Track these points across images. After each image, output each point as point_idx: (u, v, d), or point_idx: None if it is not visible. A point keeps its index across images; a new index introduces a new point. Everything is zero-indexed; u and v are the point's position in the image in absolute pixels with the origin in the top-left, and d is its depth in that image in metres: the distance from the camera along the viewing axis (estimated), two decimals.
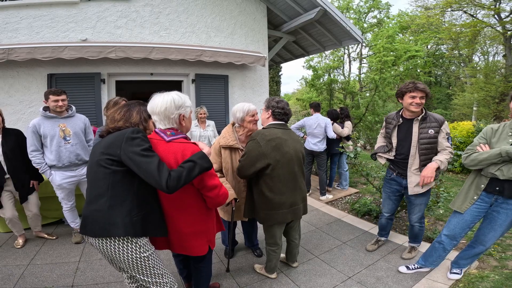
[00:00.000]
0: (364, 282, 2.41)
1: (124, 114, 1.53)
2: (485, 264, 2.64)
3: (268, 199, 2.08)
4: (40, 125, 2.71)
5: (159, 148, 1.45)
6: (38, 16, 3.87)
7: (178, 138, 1.47)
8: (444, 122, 2.36)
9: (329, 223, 3.68)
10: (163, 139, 1.46)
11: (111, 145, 1.37)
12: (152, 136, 1.52)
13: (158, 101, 1.47)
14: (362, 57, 14.96)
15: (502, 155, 1.92)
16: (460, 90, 16.22)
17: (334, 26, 5.43)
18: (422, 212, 2.61)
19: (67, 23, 3.99)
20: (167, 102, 1.45)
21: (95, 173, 1.40)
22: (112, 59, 4.09)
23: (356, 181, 5.62)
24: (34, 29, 3.86)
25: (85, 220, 1.38)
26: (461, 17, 15.93)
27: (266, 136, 2.03)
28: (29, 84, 3.96)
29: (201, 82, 4.84)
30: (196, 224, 1.62)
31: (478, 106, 13.33)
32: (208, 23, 4.82)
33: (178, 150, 1.42)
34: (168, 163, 1.39)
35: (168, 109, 1.46)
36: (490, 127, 2.13)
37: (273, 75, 13.76)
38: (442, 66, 19.37)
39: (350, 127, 4.74)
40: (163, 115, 1.47)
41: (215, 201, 1.56)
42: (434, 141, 2.33)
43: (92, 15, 4.10)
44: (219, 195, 1.55)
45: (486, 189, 2.06)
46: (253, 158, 2.00)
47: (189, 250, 1.66)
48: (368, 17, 13.88)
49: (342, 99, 10.04)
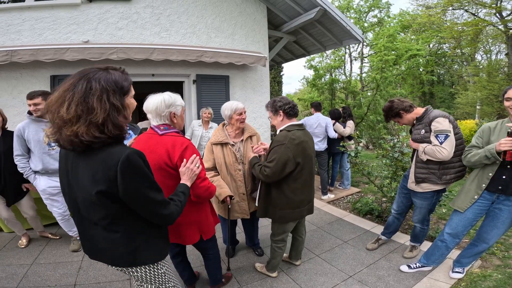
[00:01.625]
0: (365, 281, 2.40)
1: (77, 109, 0.99)
2: (488, 263, 2.62)
3: (289, 199, 2.12)
4: (25, 129, 2.58)
5: (151, 141, 1.58)
6: (40, 18, 3.90)
7: (170, 132, 1.61)
8: (432, 119, 2.25)
9: (330, 222, 3.68)
10: (156, 133, 1.61)
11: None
12: (148, 131, 1.66)
13: (150, 101, 1.62)
14: (364, 57, 14.92)
15: (488, 156, 1.91)
16: (463, 89, 16.14)
17: (334, 25, 5.42)
18: (423, 215, 2.56)
19: (69, 25, 4.02)
20: (158, 101, 1.60)
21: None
22: (113, 60, 4.10)
23: (358, 180, 5.61)
24: (37, 31, 3.90)
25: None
26: (462, 16, 15.87)
27: (294, 140, 2.03)
28: (32, 85, 3.99)
29: (202, 82, 4.86)
30: (189, 215, 1.74)
31: (481, 104, 13.24)
32: (208, 24, 4.84)
33: (169, 141, 1.57)
34: (160, 153, 1.54)
35: (158, 108, 1.60)
36: (487, 126, 2.09)
37: (275, 75, 13.76)
38: (444, 65, 19.26)
39: (352, 126, 4.73)
40: (154, 113, 1.61)
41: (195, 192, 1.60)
42: (427, 140, 2.29)
43: (93, 16, 4.13)
44: (200, 186, 1.60)
45: (488, 188, 2.03)
46: (283, 164, 1.99)
47: (183, 238, 1.82)
48: (368, 17, 13.86)
49: (344, 99, 10.02)
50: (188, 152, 1.56)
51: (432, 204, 2.49)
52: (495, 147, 1.87)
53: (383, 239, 3.04)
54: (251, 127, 2.56)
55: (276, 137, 2.08)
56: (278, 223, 2.25)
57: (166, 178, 1.57)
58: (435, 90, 19.60)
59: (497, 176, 1.97)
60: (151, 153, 1.52)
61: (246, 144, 2.43)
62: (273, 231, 2.33)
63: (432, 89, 19.54)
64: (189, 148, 1.58)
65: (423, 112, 2.38)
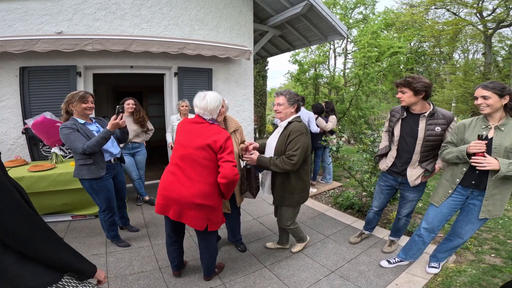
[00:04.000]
0: (346, 276, 2.45)
1: None
2: (462, 258, 2.71)
3: (304, 182, 2.42)
4: None
5: (202, 127, 2.01)
6: (11, 9, 3.63)
7: (215, 124, 2.06)
8: (452, 119, 2.25)
9: (312, 217, 3.73)
10: (207, 121, 2.01)
11: None
12: (196, 119, 2.04)
13: (210, 102, 2.00)
14: (347, 53, 15.10)
15: (459, 157, 1.97)
16: (440, 87, 16.68)
17: (320, 20, 5.42)
18: (413, 208, 2.62)
19: (41, 16, 3.77)
20: (217, 102, 2.04)
21: None
22: (89, 52, 3.90)
23: (340, 174, 5.71)
24: (7, 22, 3.63)
25: None
26: (444, 15, 16.31)
27: (307, 129, 2.34)
28: (1, 77, 3.73)
29: (184, 75, 4.73)
30: (207, 198, 1.92)
31: (457, 102, 13.76)
32: (192, 16, 4.68)
33: (217, 130, 1.97)
34: (208, 136, 1.94)
35: (218, 107, 2.05)
36: (462, 123, 2.12)
37: (260, 70, 13.62)
38: (423, 63, 19.83)
39: (334, 121, 4.78)
40: (211, 111, 2.02)
41: (227, 172, 1.84)
42: (439, 138, 2.26)
43: (68, 7, 3.88)
44: (232, 168, 1.86)
45: (462, 183, 2.07)
46: (306, 150, 2.27)
47: (188, 219, 1.95)
48: (354, 13, 13.95)
49: (327, 94, 10.11)
50: (230, 141, 1.93)
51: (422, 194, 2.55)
52: (465, 149, 1.92)
53: (366, 233, 3.10)
54: (234, 120, 2.52)
55: (294, 127, 2.26)
56: (293, 208, 2.49)
57: (204, 158, 1.90)
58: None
59: (470, 172, 2.01)
60: (198, 135, 1.94)
61: None
62: (286, 218, 2.53)
63: None
64: (230, 139, 1.95)
65: (433, 107, 2.29)
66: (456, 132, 2.12)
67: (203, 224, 1.97)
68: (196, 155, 1.90)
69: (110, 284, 2.27)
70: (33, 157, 4.00)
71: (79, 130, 2.41)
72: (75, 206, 3.50)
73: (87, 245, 2.91)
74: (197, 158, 1.90)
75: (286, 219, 2.53)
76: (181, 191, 1.91)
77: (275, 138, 2.40)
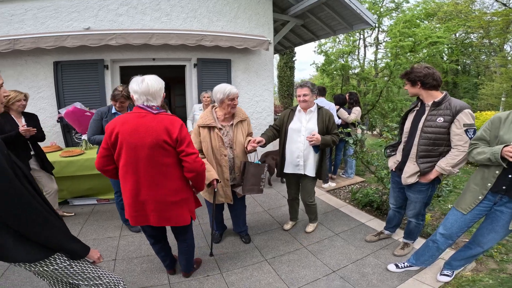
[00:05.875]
0: (347, 277, 2.33)
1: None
2: (482, 266, 2.45)
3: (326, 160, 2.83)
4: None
5: (145, 120, 1.68)
6: (42, 7, 3.96)
7: (162, 112, 1.73)
8: (460, 111, 1.96)
9: (325, 213, 3.60)
10: (150, 112, 1.69)
11: None
12: (136, 111, 1.72)
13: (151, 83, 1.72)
14: (379, 43, 14.14)
15: (492, 160, 1.71)
16: (489, 80, 15.12)
17: (344, 9, 5.14)
18: (419, 210, 2.41)
19: (70, 13, 4.06)
20: (160, 84, 1.76)
21: None
22: (114, 46, 4.13)
23: (364, 169, 5.34)
24: (39, 19, 3.97)
25: None
26: (492, 6, 14.78)
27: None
28: (37, 71, 4.11)
29: (203, 66, 4.81)
30: (180, 192, 1.81)
31: (507, 96, 12.39)
32: (210, 8, 4.71)
33: (167, 119, 1.70)
34: (158, 130, 1.66)
35: (161, 89, 1.78)
36: (497, 117, 1.78)
37: (287, 61, 13.38)
38: (471, 55, 18.08)
39: (358, 113, 4.53)
40: (153, 95, 1.71)
41: (192, 166, 1.71)
42: (443, 131, 2.03)
43: (93, 4, 4.13)
44: (196, 161, 1.72)
45: (492, 188, 1.82)
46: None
47: (173, 219, 1.84)
48: (386, 1, 12.93)
49: (355, 85, 9.64)
50: (184, 129, 1.72)
51: (427, 197, 2.33)
52: (500, 151, 1.65)
53: (385, 233, 2.93)
54: (242, 111, 2.49)
55: (327, 112, 2.71)
56: (315, 183, 2.90)
57: (163, 156, 1.69)
58: (459, 80, 18.51)
59: (503, 175, 1.75)
60: (147, 131, 1.64)
61: (236, 129, 2.39)
62: (310, 194, 2.89)
63: (456, 78, 18.48)
64: (183, 125, 1.74)
65: (442, 97, 2.08)
66: (490, 128, 1.82)
67: (188, 217, 1.89)
68: (154, 155, 1.67)
69: (116, 266, 2.43)
70: (66, 143, 4.39)
71: (103, 119, 2.67)
72: (99, 190, 3.78)
73: (104, 228, 3.13)
74: (157, 158, 1.68)
75: (309, 196, 2.89)
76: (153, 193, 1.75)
77: (304, 122, 2.69)
